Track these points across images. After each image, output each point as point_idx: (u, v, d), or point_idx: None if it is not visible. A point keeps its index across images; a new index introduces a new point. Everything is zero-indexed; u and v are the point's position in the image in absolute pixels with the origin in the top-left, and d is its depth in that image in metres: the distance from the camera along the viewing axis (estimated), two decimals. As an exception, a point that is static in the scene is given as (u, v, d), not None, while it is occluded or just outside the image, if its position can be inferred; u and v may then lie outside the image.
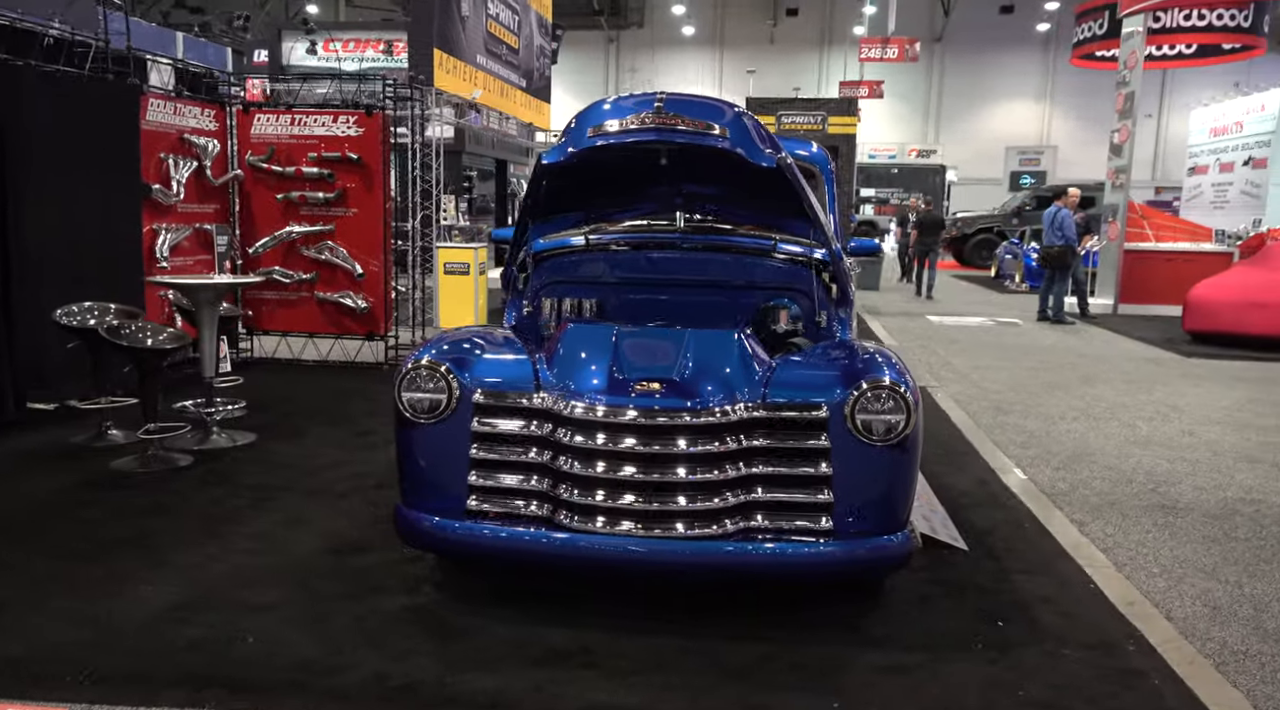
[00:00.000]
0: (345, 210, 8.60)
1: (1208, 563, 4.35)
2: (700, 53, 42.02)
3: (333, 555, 4.17)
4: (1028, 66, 40.78)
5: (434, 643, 3.38)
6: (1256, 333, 11.28)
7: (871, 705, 2.99)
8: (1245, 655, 3.45)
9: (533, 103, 17.06)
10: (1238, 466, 6.03)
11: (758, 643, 3.39)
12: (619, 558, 3.44)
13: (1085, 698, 3.06)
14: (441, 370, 3.61)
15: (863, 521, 3.48)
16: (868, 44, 25.60)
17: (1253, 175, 23.69)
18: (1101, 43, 30.37)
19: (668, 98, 3.62)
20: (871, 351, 3.80)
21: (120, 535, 4.36)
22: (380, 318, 8.72)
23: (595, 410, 3.46)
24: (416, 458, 3.71)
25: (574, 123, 3.77)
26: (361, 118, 8.52)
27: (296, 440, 6.09)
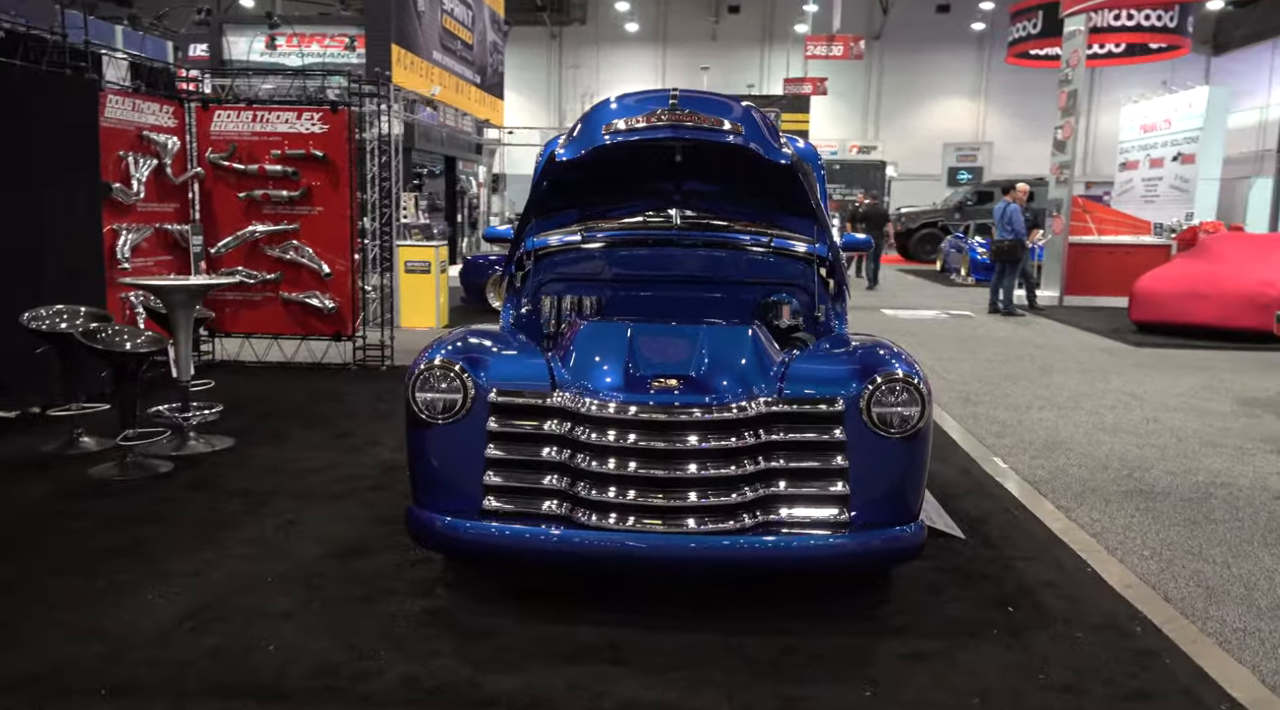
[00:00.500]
0: (310, 209, 8.47)
1: (1193, 545, 4.51)
2: (644, 49, 42.07)
3: (337, 559, 4.12)
4: (963, 65, 41.55)
5: (458, 644, 3.36)
6: (1198, 322, 11.67)
7: (902, 694, 3.05)
8: (1245, 632, 3.58)
9: (487, 99, 16.94)
10: (1203, 451, 6.24)
11: (779, 635, 3.43)
12: (640, 554, 3.45)
13: (1104, 679, 3.15)
14: (455, 370, 3.58)
15: (878, 513, 3.54)
16: (813, 41, 25.88)
17: (1181, 170, 24.42)
18: (1036, 42, 31.11)
19: (681, 94, 3.64)
20: (880, 345, 3.86)
21: (112, 545, 4.25)
22: (348, 318, 8.60)
23: (614, 408, 3.46)
24: (430, 458, 3.68)
25: (585, 119, 3.76)
26: (326, 114, 8.39)
27: (277, 444, 5.99)
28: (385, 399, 7.34)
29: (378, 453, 5.79)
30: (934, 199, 31.28)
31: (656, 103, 3.61)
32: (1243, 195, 27.41)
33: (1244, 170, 28.51)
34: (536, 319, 4.58)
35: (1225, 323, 11.45)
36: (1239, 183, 27.62)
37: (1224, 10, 36.16)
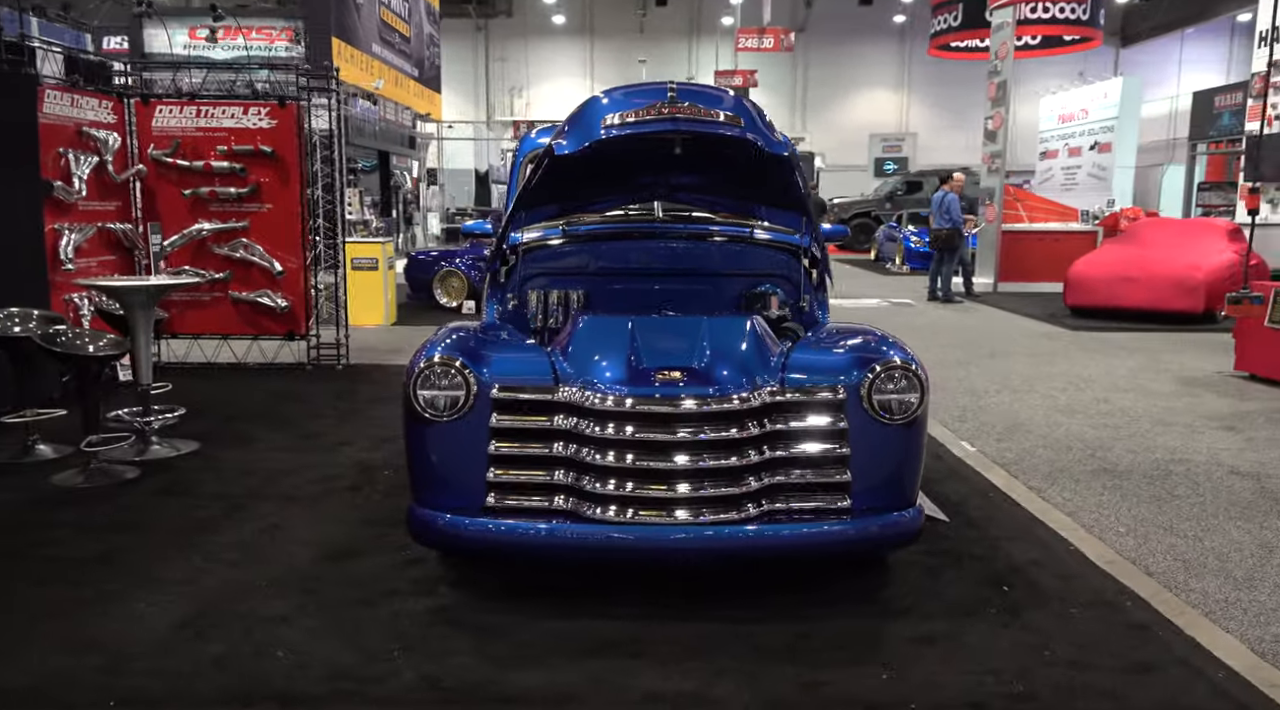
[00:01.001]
0: (259, 206, 8.28)
1: (1163, 520, 4.68)
2: (571, 42, 41.91)
3: (329, 561, 4.05)
4: (886, 57, 42.24)
5: (473, 642, 3.33)
6: (1130, 305, 12.08)
7: (916, 675, 3.11)
8: (1227, 603, 3.73)
9: (425, 92, 16.70)
10: (1155, 430, 6.47)
11: (789, 622, 3.48)
12: (649, 547, 3.47)
13: (1108, 652, 3.26)
14: (456, 366, 3.55)
15: (878, 499, 3.60)
16: (745, 34, 26.08)
17: (1099, 159, 25.20)
18: (956, 34, 31.79)
19: (679, 87, 3.65)
20: (873, 333, 3.93)
21: (90, 554, 4.12)
22: (301, 317, 8.43)
23: (619, 401, 3.47)
24: (431, 456, 3.64)
25: (580, 113, 3.74)
26: (274, 109, 8.20)
27: (244, 446, 5.86)
28: (347, 398, 7.23)
29: (349, 453, 5.70)
30: (862, 190, 31.80)
31: (654, 95, 3.61)
32: (1156, 182, 28.38)
33: (1157, 158, 29.52)
34: (524, 314, 4.55)
35: (1155, 305, 11.87)
36: (1153, 170, 28.58)
37: (1131, 4, 37.31)
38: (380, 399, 7.20)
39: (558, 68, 42.59)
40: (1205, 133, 24.01)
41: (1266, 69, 15.73)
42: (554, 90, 42.37)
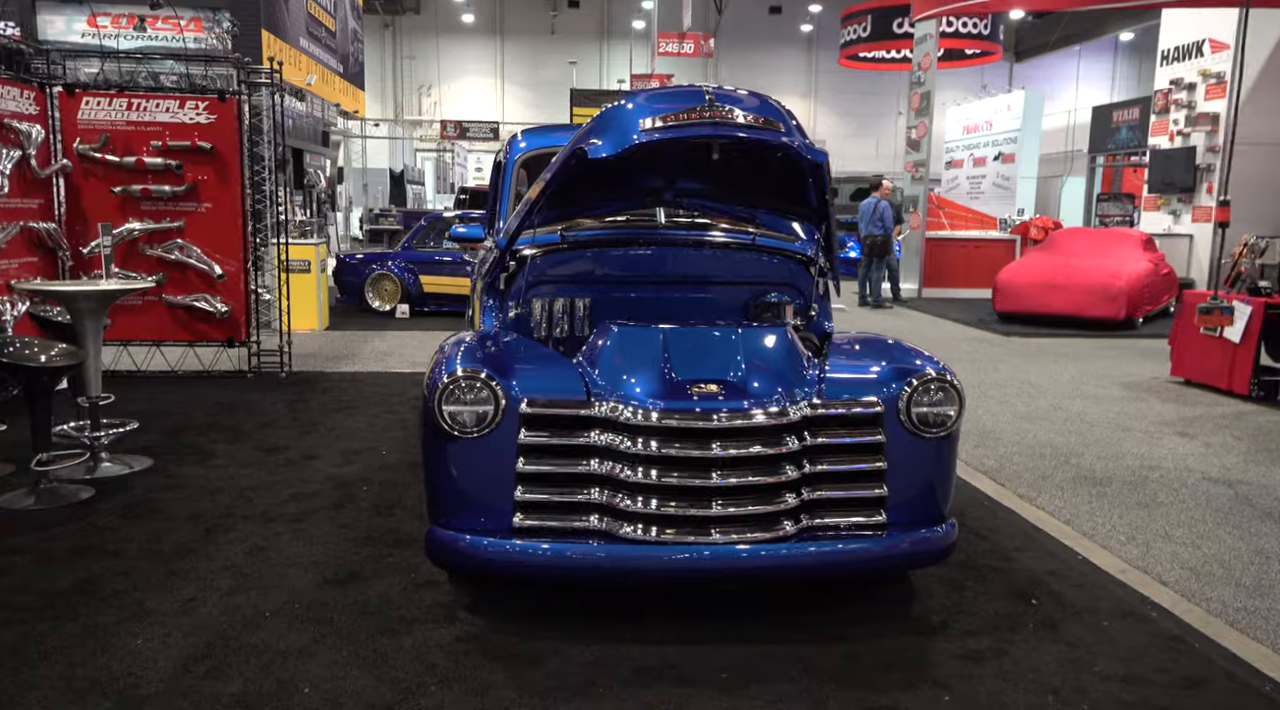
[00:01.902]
0: (196, 205, 7.85)
1: (1158, 527, 4.76)
2: (481, 41, 41.41)
3: (334, 587, 3.81)
4: (794, 65, 42.94)
5: (508, 673, 3.15)
6: (1054, 311, 12.45)
7: (979, 697, 3.06)
8: (1245, 611, 3.79)
9: (350, 88, 16.19)
10: (1117, 436, 6.63)
11: (829, 642, 3.39)
12: (686, 567, 3.34)
13: (1154, 666, 3.27)
14: (482, 379, 3.37)
15: (912, 514, 3.55)
16: (665, 38, 26.11)
17: (1003, 169, 25.95)
18: (865, 44, 32.47)
19: (715, 91, 3.53)
20: (898, 344, 3.89)
21: (64, 584, 3.79)
22: (242, 322, 8.03)
23: (657, 416, 3.34)
24: (455, 475, 3.45)
25: (612, 116, 3.58)
26: (214, 103, 7.79)
27: (203, 462, 5.51)
28: (301, 409, 6.89)
29: (320, 468, 5.41)
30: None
31: (690, 99, 3.48)
32: (1056, 192, 29.46)
33: (1056, 169, 30.66)
34: (528, 323, 4.37)
35: (1079, 312, 12.26)
36: (1053, 181, 29.67)
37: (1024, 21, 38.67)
38: (338, 409, 6.89)
39: (468, 67, 42.03)
40: (1104, 146, 24.98)
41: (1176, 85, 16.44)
42: (465, 89, 41.80)
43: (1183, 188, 16.29)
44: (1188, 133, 16.29)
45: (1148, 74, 41.23)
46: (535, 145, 4.96)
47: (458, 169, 32.43)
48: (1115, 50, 43.19)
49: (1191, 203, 16.26)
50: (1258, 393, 7.96)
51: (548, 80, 42.85)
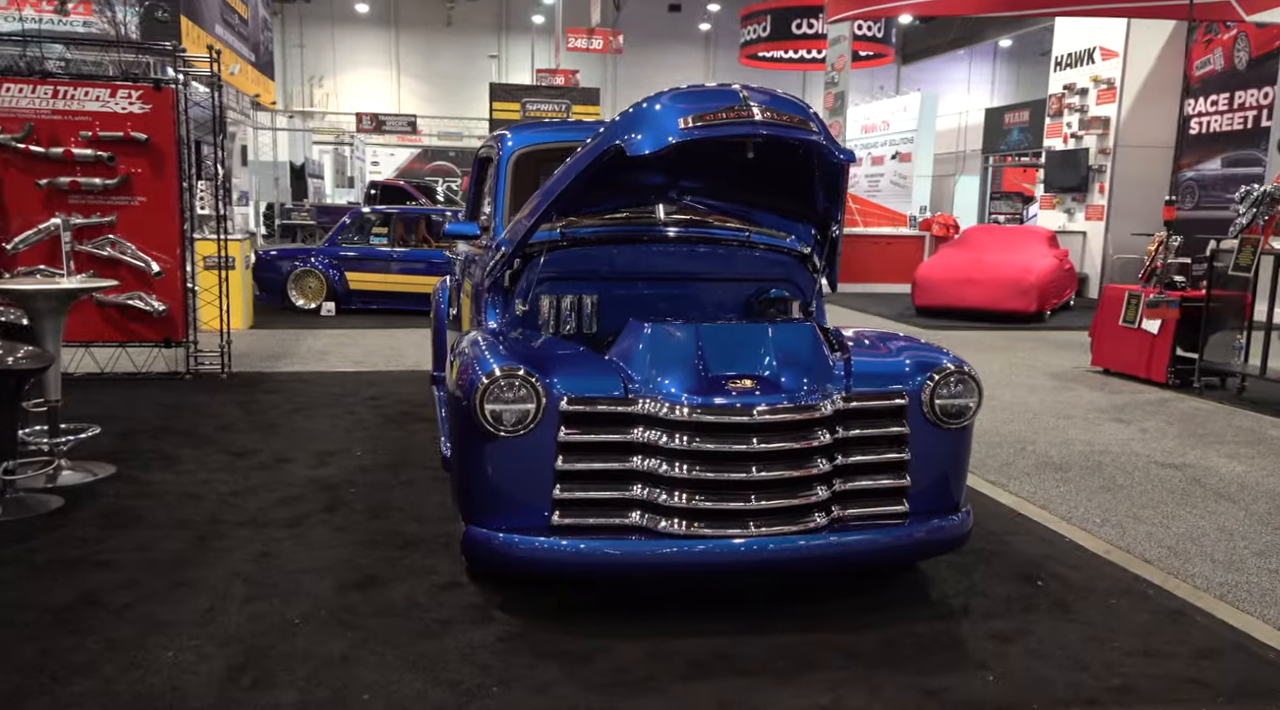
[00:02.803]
0: (130, 199, 7.51)
1: (1126, 509, 5.03)
2: (376, 32, 40.59)
3: (356, 591, 3.73)
4: (693, 62, 43.35)
5: (564, 670, 3.15)
6: (970, 305, 12.95)
7: (1020, 675, 3.20)
8: (1226, 585, 4.05)
9: (261, 78, 15.65)
10: (1060, 424, 6.96)
11: (862, 629, 3.49)
12: (726, 561, 3.40)
13: (1167, 640, 3.47)
14: (521, 376, 3.35)
15: (930, 503, 3.68)
16: (574, 34, 26.03)
17: (900, 167, 26.79)
18: (765, 44, 32.99)
19: (748, 89, 3.57)
20: (908, 338, 4.02)
21: (64, 598, 3.60)
22: (180, 321, 7.72)
23: (698, 412, 3.38)
24: (492, 474, 3.43)
25: (646, 113, 3.57)
26: (148, 93, 7.46)
27: (169, 467, 5.29)
28: (255, 411, 6.68)
29: (297, 471, 5.27)
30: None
31: (726, 98, 3.51)
32: (950, 191, 30.55)
33: (949, 168, 31.76)
34: (536, 319, 4.34)
35: (993, 305, 12.78)
36: (946, 179, 30.74)
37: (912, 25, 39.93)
38: (294, 410, 6.70)
39: (362, 58, 41.14)
40: (996, 146, 26.00)
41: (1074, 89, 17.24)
42: (358, 80, 40.89)
43: (1076, 187, 17.12)
44: (1080, 135, 17.13)
45: (1026, 78, 43.18)
46: (527, 142, 4.92)
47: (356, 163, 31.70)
48: (995, 56, 44.98)
49: (1084, 202, 17.11)
50: (1174, 380, 8.45)
51: (444, 73, 42.28)
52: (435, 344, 6.32)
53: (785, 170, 4.10)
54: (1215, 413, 7.51)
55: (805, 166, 4.02)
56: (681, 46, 42.52)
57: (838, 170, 3.93)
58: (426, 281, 11.67)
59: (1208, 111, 15.91)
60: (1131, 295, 8.82)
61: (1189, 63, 16.35)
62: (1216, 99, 15.72)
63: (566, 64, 30.01)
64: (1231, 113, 15.44)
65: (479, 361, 3.52)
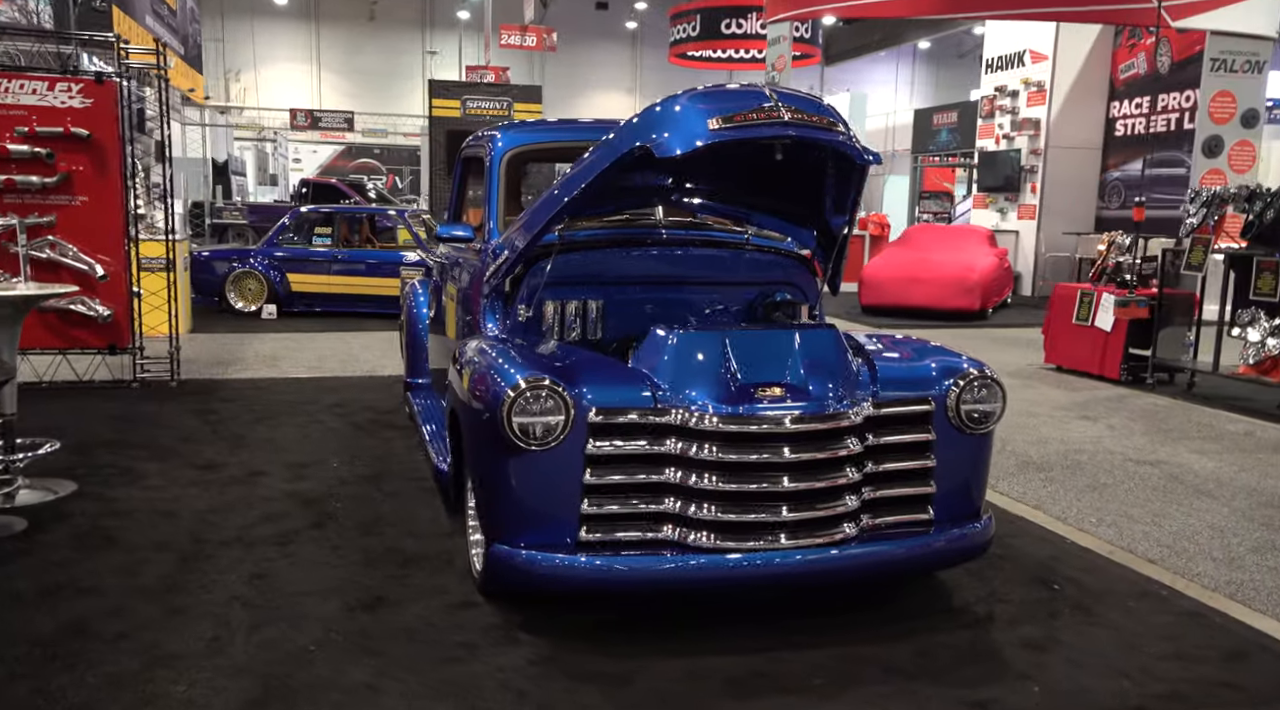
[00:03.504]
0: (70, 198, 7.12)
1: (1117, 508, 5.08)
2: (296, 25, 39.62)
3: (365, 612, 3.54)
4: (619, 60, 43.29)
5: (603, 694, 3.03)
6: (916, 304, 13.11)
7: (1063, 685, 3.16)
8: (1231, 584, 4.10)
9: (189, 71, 15.05)
10: (1031, 423, 7.04)
11: (896, 640, 3.43)
12: (758, 573, 3.32)
13: (1195, 644, 3.48)
14: (549, 386, 3.21)
15: (954, 510, 3.64)
16: (507, 30, 25.72)
17: (830, 167, 27.02)
18: (694, 43, 33.05)
19: (774, 90, 3.48)
20: (928, 342, 3.98)
21: (48, 628, 3.35)
22: (125, 327, 7.34)
23: (731, 422, 3.28)
24: (520, 490, 3.29)
25: (671, 113, 3.45)
26: (90, 86, 7.07)
27: (134, 483, 5.00)
28: (214, 421, 6.38)
29: (273, 485, 5.02)
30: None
31: (753, 98, 3.41)
32: (879, 191, 30.97)
33: (878, 168, 32.18)
34: (539, 325, 4.19)
35: (939, 304, 12.96)
36: (874, 179, 31.17)
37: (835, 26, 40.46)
38: (256, 420, 6.41)
39: (280, 52, 40.09)
40: (925, 147, 26.44)
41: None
42: (278, 75, 39.85)
43: (1008, 187, 17.48)
44: (1012, 136, 17.49)
45: (945, 80, 44.13)
46: (518, 142, 4.76)
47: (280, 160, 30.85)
48: (914, 57, 45.84)
49: (1017, 201, 17.48)
50: (1127, 377, 8.64)
51: (365, 69, 41.48)
52: (409, 350, 6.10)
53: (791, 172, 4.02)
54: (1172, 408, 7.69)
55: (818, 168, 3.96)
56: (608, 44, 42.42)
57: (858, 172, 3.87)
58: (373, 284, 11.39)
59: (1132, 114, 16.41)
60: (1084, 294, 8.99)
61: (1114, 66, 16.84)
62: (1140, 102, 16.21)
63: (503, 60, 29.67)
64: (1155, 115, 15.93)
65: (499, 372, 3.37)
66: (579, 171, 3.73)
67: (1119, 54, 16.62)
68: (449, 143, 15.02)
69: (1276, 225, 7.30)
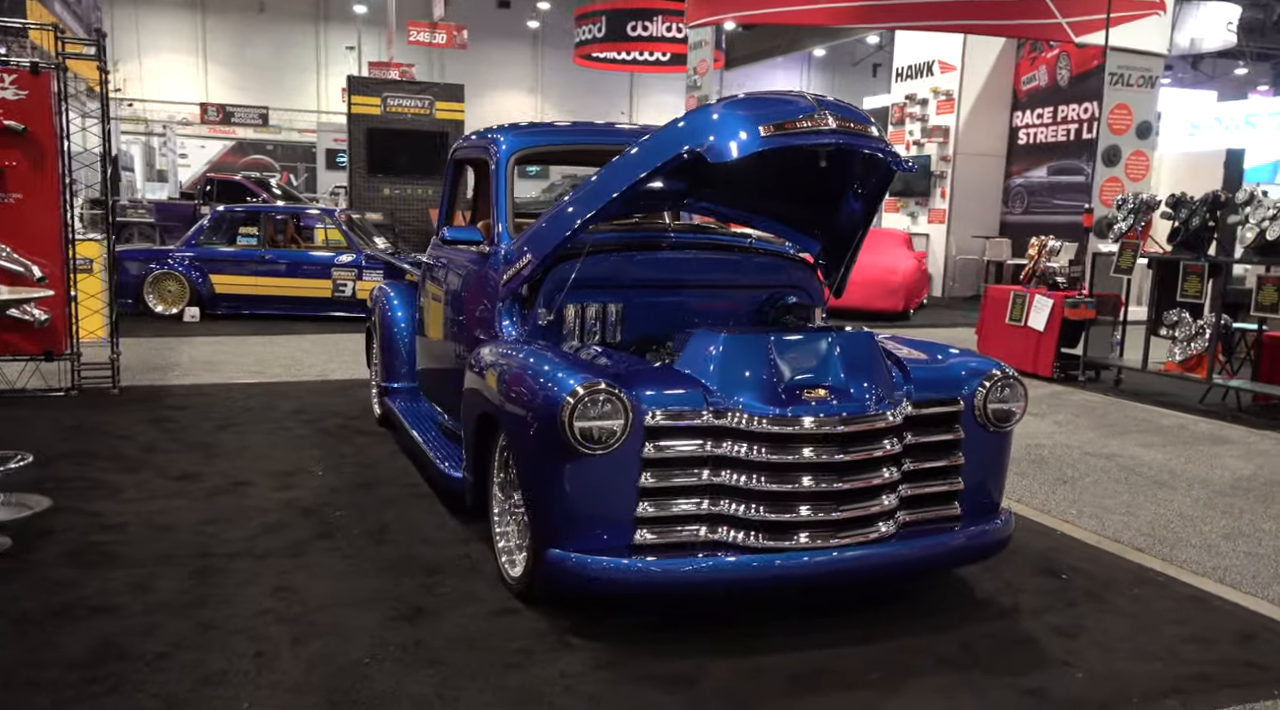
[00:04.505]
0: (4, 196, 6.73)
1: (1091, 500, 5.33)
2: (182, 15, 38.16)
3: (407, 623, 3.46)
4: (520, 59, 43.07)
5: (673, 695, 3.04)
6: (845, 305, 13.35)
7: (1101, 669, 3.31)
8: (1218, 570, 4.34)
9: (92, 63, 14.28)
10: (982, 421, 7.30)
11: (935, 632, 3.53)
12: (809, 572, 3.38)
13: (1206, 626, 3.68)
14: (603, 390, 3.21)
15: (977, 506, 3.77)
16: (415, 27, 25.27)
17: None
18: (599, 45, 33.14)
19: (817, 98, 3.54)
20: (945, 345, 4.11)
21: (78, 651, 3.18)
22: (63, 332, 6.98)
23: (785, 424, 3.34)
24: (576, 495, 3.28)
25: (719, 118, 3.46)
26: (24, 77, 6.70)
27: (113, 496, 4.77)
28: (173, 430, 6.12)
29: (264, 495, 4.86)
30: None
31: (798, 104, 3.46)
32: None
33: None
34: (560, 329, 4.16)
35: (866, 305, 13.30)
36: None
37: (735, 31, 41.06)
38: (218, 428, 6.18)
39: (164, 42, 38.59)
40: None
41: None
42: (161, 66, 38.31)
43: (919, 192, 18.06)
44: (922, 143, 18.06)
45: (840, 87, 45.30)
46: (526, 144, 4.71)
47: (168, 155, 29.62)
48: (808, 64, 46.92)
49: (927, 206, 18.06)
50: (1059, 375, 9.05)
51: (255, 62, 40.28)
52: (385, 354, 5.95)
53: (805, 177, 4.09)
54: (1107, 404, 8.09)
55: (841, 173, 4.03)
56: (509, 43, 42.15)
57: (886, 178, 3.97)
58: (304, 285, 11.09)
59: (1034, 123, 17.15)
60: (1017, 295, 9.38)
61: (1016, 78, 17.58)
62: (1042, 112, 16.96)
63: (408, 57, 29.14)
64: (1055, 125, 16.69)
65: (550, 377, 3.35)
66: (616, 174, 3.72)
67: (1021, 66, 17.35)
68: (370, 141, 14.73)
69: (1201, 232, 7.75)
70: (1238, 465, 6.18)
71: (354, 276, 11.08)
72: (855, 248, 4.46)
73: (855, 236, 4.41)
